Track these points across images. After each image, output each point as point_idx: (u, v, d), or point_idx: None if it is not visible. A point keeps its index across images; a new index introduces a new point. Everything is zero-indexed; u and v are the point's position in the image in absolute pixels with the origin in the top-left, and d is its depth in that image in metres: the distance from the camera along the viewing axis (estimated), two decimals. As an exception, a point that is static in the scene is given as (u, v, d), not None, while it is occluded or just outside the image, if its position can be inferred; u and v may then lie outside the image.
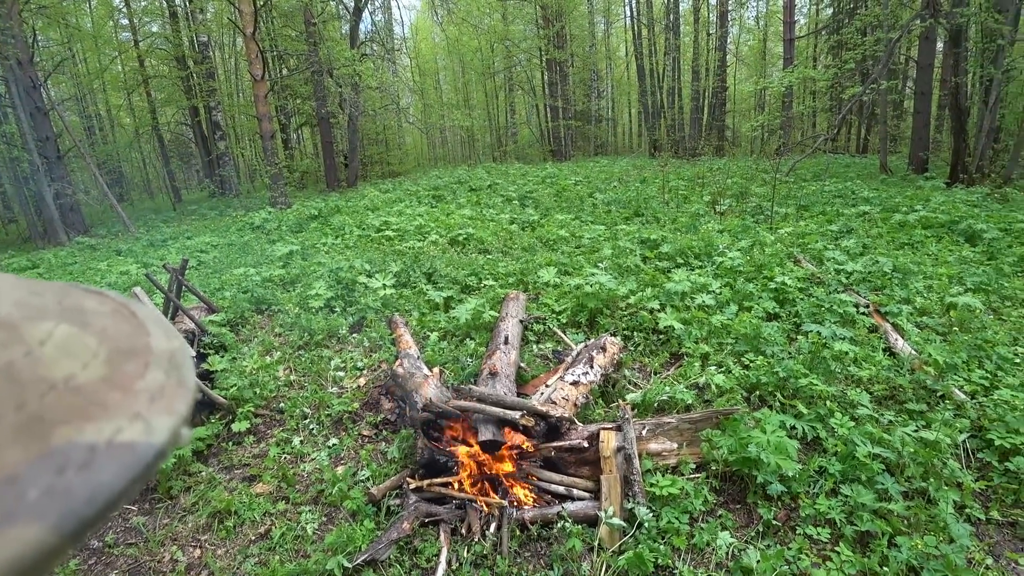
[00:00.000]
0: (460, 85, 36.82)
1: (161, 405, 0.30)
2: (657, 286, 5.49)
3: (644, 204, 10.41)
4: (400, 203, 12.76)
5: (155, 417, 0.29)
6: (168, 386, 0.31)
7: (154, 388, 0.31)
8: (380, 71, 22.04)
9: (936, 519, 2.80)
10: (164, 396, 0.31)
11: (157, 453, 0.28)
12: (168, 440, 0.29)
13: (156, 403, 0.30)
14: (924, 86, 13.17)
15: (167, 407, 0.30)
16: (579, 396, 3.57)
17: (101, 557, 2.97)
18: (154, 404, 0.30)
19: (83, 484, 0.25)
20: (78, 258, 11.59)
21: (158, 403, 0.30)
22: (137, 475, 0.27)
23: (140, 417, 0.29)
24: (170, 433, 0.29)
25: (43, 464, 0.25)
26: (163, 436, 0.29)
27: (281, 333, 5.46)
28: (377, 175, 25.26)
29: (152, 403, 0.30)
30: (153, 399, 0.30)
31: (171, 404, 0.31)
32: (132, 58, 23.89)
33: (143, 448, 0.28)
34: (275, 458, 3.68)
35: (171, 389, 0.31)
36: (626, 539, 2.80)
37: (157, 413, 0.30)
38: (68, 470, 0.25)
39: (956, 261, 6.20)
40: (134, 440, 0.28)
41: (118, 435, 0.27)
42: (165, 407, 0.30)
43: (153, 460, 0.28)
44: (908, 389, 3.81)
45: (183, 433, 0.31)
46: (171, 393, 0.31)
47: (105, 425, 0.28)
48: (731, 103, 29.53)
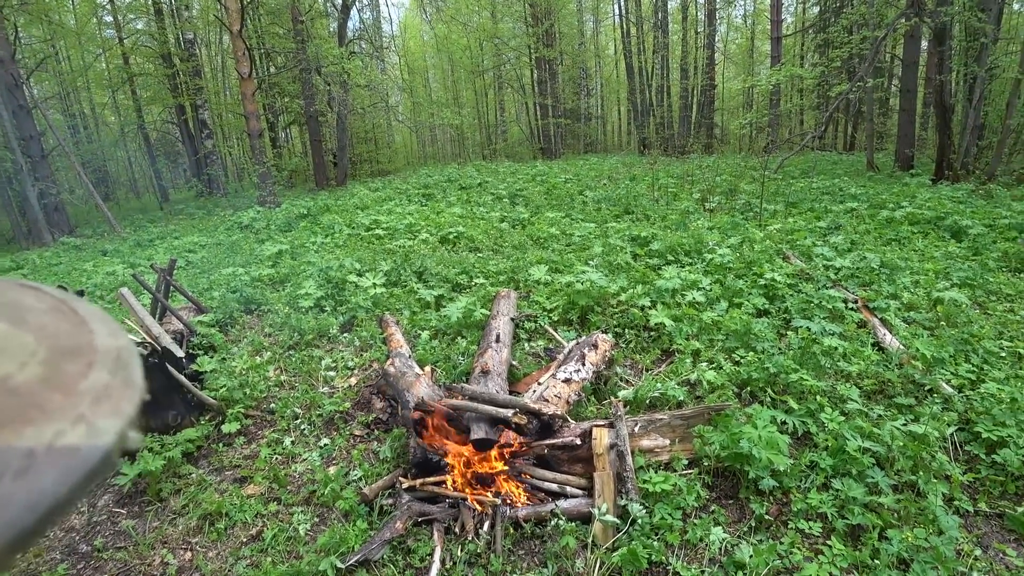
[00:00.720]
0: (449, 83, 36.70)
1: (107, 407, 0.29)
2: (648, 283, 5.51)
3: (634, 202, 10.44)
4: (390, 201, 12.71)
5: (100, 419, 0.28)
6: (114, 386, 0.30)
7: (98, 388, 0.29)
8: (369, 69, 21.91)
9: (926, 512, 2.83)
10: (110, 397, 0.29)
11: (103, 457, 0.27)
12: (115, 443, 0.28)
13: (101, 404, 0.29)
14: (909, 84, 13.32)
15: (113, 408, 0.29)
16: (571, 394, 3.57)
17: (90, 561, 2.93)
18: (99, 405, 0.28)
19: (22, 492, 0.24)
20: (63, 259, 11.42)
21: (103, 404, 0.29)
22: (81, 480, 0.26)
23: (83, 419, 0.27)
24: (117, 435, 0.28)
25: None
26: (109, 439, 0.27)
27: (271, 333, 5.42)
28: (366, 174, 25.13)
29: (96, 404, 0.28)
30: (98, 400, 0.29)
31: (117, 405, 0.29)
32: (117, 56, 23.54)
33: (87, 452, 0.26)
34: (266, 459, 3.65)
35: (117, 389, 0.30)
36: (620, 536, 2.80)
37: (102, 415, 0.28)
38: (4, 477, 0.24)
39: (942, 257, 6.28)
40: (77, 444, 0.26)
41: (59, 439, 0.26)
42: (111, 408, 0.29)
43: (99, 464, 0.26)
44: (897, 383, 3.85)
45: (131, 435, 0.29)
46: (117, 394, 0.30)
47: (45, 428, 0.26)
48: (719, 101, 29.68)
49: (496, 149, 29.77)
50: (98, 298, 7.68)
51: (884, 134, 20.65)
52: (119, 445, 0.28)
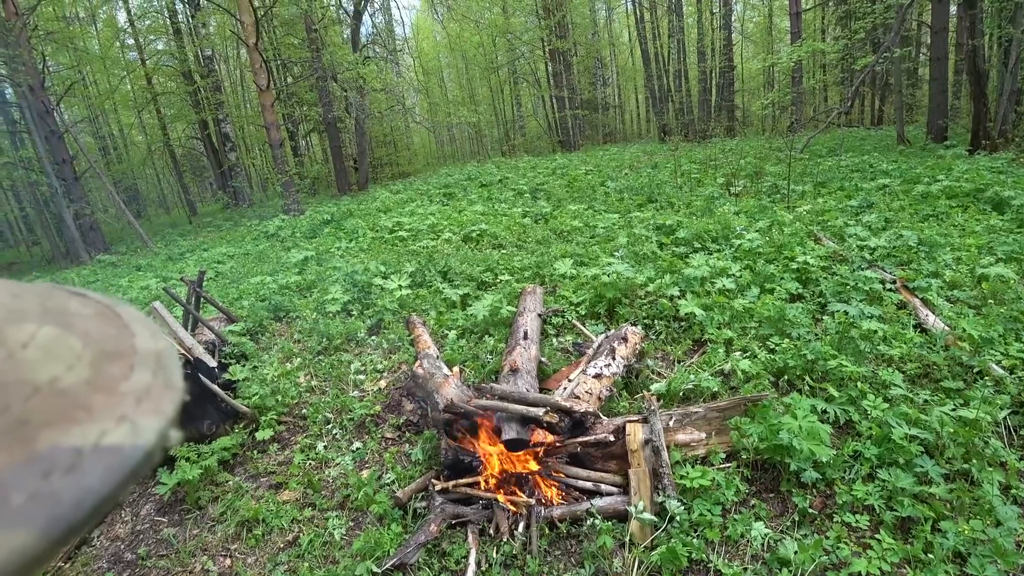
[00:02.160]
0: (464, 82, 36.73)
1: (147, 406, 0.30)
2: (675, 272, 5.39)
3: (657, 190, 10.26)
4: (411, 203, 12.76)
5: (141, 419, 0.29)
6: (155, 387, 0.31)
7: (140, 389, 0.30)
8: (384, 73, 22.04)
9: (980, 502, 2.69)
10: (150, 397, 0.30)
11: (144, 455, 0.28)
12: (155, 442, 0.29)
13: (142, 404, 0.30)
14: (939, 51, 12.77)
15: (154, 408, 0.30)
16: (602, 389, 3.51)
17: (135, 570, 3.00)
18: (140, 406, 0.29)
19: (69, 488, 0.25)
20: (100, 276, 11.80)
21: (144, 404, 0.30)
22: (124, 478, 0.27)
23: (126, 419, 0.28)
24: (157, 435, 0.29)
25: (28, 468, 0.25)
26: (150, 438, 0.28)
27: (300, 339, 5.48)
28: (387, 176, 25.33)
29: (138, 405, 0.29)
30: (139, 400, 0.30)
31: (158, 405, 0.30)
32: (140, 77, 24.24)
33: (129, 451, 0.27)
34: (300, 465, 3.69)
35: (157, 390, 0.31)
36: (658, 534, 2.74)
37: (143, 415, 0.29)
38: (54, 474, 0.25)
39: (984, 231, 5.99)
40: (120, 443, 0.27)
41: (104, 438, 0.27)
42: (152, 408, 0.30)
43: (140, 462, 0.28)
44: (943, 366, 3.67)
45: (171, 434, 0.30)
46: (158, 394, 0.31)
47: (90, 428, 0.27)
48: (739, 82, 29.02)
49: (514, 144, 29.65)
50: (134, 312, 7.88)
51: (914, 106, 19.89)
52: (160, 444, 0.29)
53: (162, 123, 24.49)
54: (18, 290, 0.33)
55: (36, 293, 0.34)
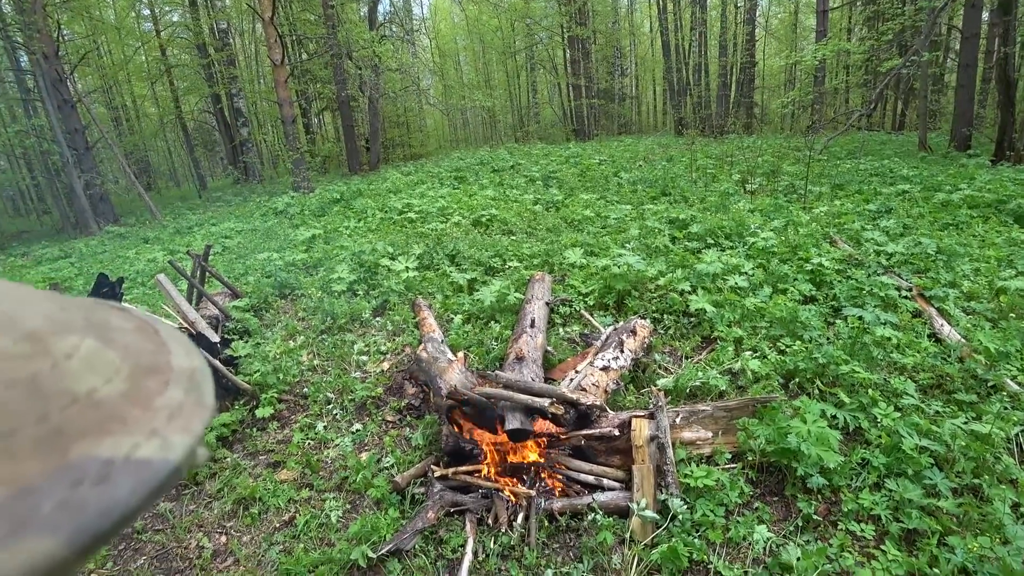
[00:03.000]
0: (481, 65, 36.37)
1: (179, 423, 0.30)
2: (687, 267, 5.31)
3: (671, 183, 10.12)
4: (422, 185, 12.68)
5: (172, 435, 0.29)
6: (187, 404, 0.31)
7: (173, 406, 0.31)
8: (400, 53, 21.83)
9: (989, 518, 2.63)
10: (182, 414, 0.31)
11: (172, 471, 0.28)
12: (184, 458, 0.29)
13: (174, 421, 0.30)
14: (969, 57, 12.47)
15: (184, 425, 0.30)
16: (609, 382, 3.46)
17: (130, 543, 2.99)
18: (172, 422, 0.30)
19: (98, 499, 0.25)
20: (108, 247, 11.81)
21: (176, 421, 0.30)
22: (152, 492, 0.27)
23: (157, 434, 0.29)
24: (186, 451, 0.29)
25: (60, 477, 0.25)
26: (179, 454, 0.29)
27: (304, 317, 5.45)
28: (399, 158, 25.19)
29: (170, 421, 0.30)
30: (171, 417, 0.30)
31: (188, 423, 0.31)
32: (154, 48, 24.11)
33: (159, 465, 0.28)
34: (299, 444, 3.66)
35: (189, 408, 0.31)
36: (659, 532, 2.69)
37: (174, 431, 0.30)
38: (84, 484, 0.25)
39: (1005, 243, 5.86)
40: (151, 457, 0.28)
41: (135, 451, 0.27)
42: (182, 425, 0.30)
43: (168, 477, 0.28)
44: (957, 378, 3.59)
45: (199, 452, 0.31)
46: (189, 412, 0.31)
47: (123, 440, 0.28)
48: (760, 79, 28.58)
49: (528, 131, 29.41)
50: (139, 284, 7.89)
51: (937, 112, 19.52)
52: (188, 460, 0.29)
53: (175, 95, 24.41)
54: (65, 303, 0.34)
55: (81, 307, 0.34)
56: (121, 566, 2.84)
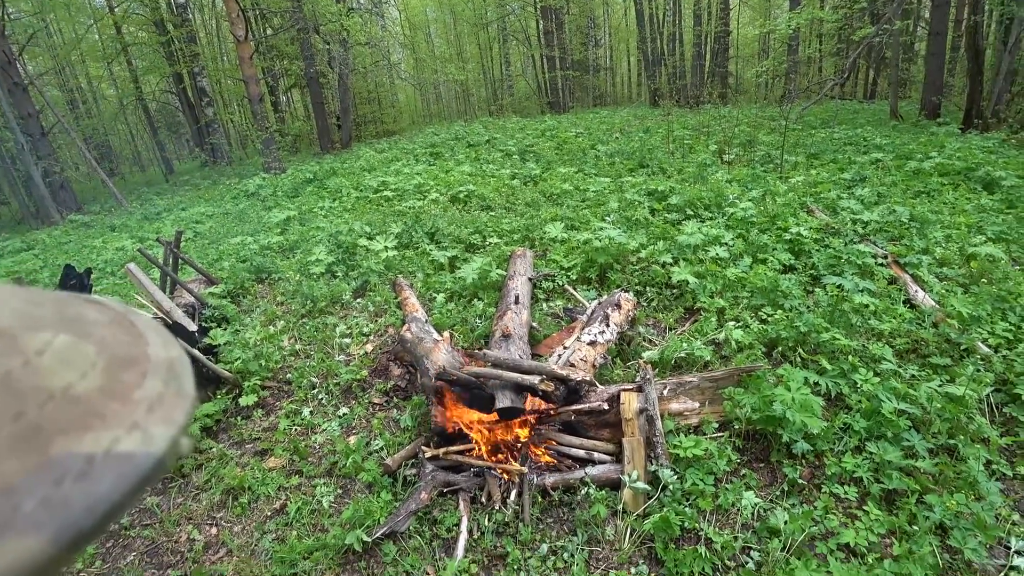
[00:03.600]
0: (452, 38, 35.53)
1: (159, 415, 0.30)
2: (668, 239, 5.33)
3: (649, 155, 10.10)
4: (397, 162, 12.43)
5: (153, 427, 0.29)
6: (167, 395, 0.31)
7: (152, 397, 0.30)
8: (368, 26, 21.11)
9: (964, 476, 2.73)
10: (163, 406, 0.30)
11: (156, 464, 0.28)
12: (167, 450, 0.29)
13: (154, 413, 0.30)
14: (939, 25, 12.57)
15: (165, 417, 0.30)
16: (597, 356, 3.47)
17: (118, 540, 2.93)
18: (152, 414, 0.29)
19: (81, 495, 0.25)
20: (72, 236, 11.38)
21: (156, 413, 0.30)
22: (135, 486, 0.27)
23: (138, 427, 0.28)
24: (169, 443, 0.29)
25: (40, 475, 0.25)
26: (162, 446, 0.28)
27: (283, 302, 5.34)
28: (371, 135, 24.64)
29: (150, 413, 0.29)
30: (151, 409, 0.30)
31: (170, 414, 0.30)
32: (109, 26, 22.85)
33: (141, 458, 0.27)
34: (286, 431, 3.61)
35: (170, 399, 0.31)
36: (650, 502, 2.74)
37: (155, 423, 0.29)
38: (66, 481, 0.25)
39: (975, 210, 6.00)
40: (132, 450, 0.27)
41: (116, 445, 0.27)
42: (163, 417, 0.30)
43: (151, 471, 0.28)
44: (931, 343, 3.69)
45: (182, 442, 0.30)
46: (170, 403, 0.31)
47: (103, 435, 0.27)
48: (734, 48, 28.52)
49: (503, 104, 28.97)
50: (108, 275, 7.64)
51: (908, 81, 19.74)
52: (172, 452, 0.29)
53: (134, 76, 23.32)
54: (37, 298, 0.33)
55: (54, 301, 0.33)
56: (111, 564, 2.79)
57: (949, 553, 2.45)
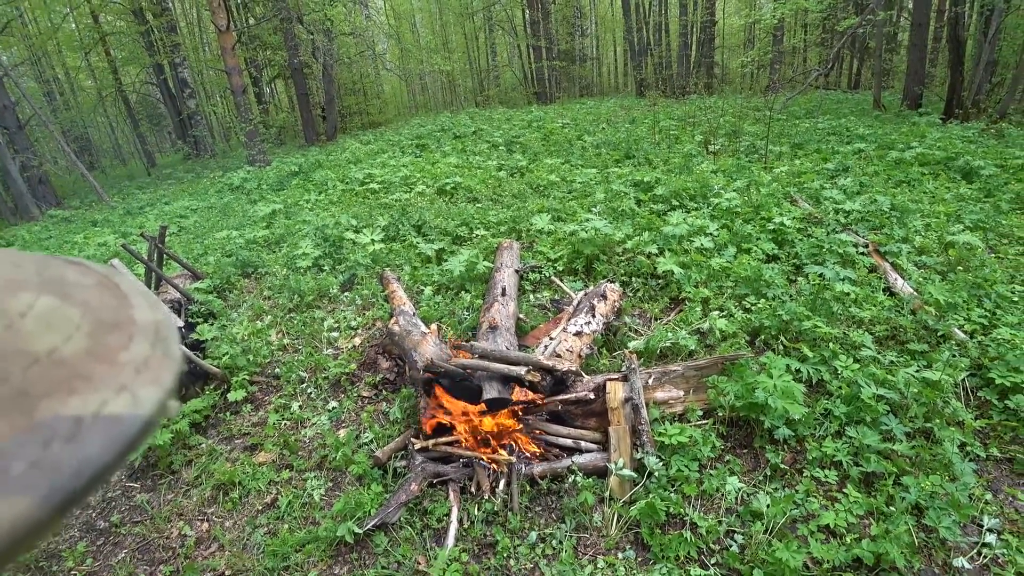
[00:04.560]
0: (438, 28, 35.18)
1: (147, 376, 0.30)
2: (654, 230, 5.38)
3: (635, 146, 10.14)
4: (383, 154, 12.35)
5: (141, 389, 0.29)
6: (153, 357, 0.31)
7: (139, 360, 0.30)
8: (352, 15, 20.86)
9: (939, 458, 2.82)
10: (149, 368, 0.30)
11: (144, 425, 0.28)
12: (155, 412, 0.29)
13: (142, 375, 0.30)
14: (921, 16, 12.70)
15: (153, 378, 0.30)
16: (583, 347, 3.51)
17: (109, 537, 2.93)
18: (140, 376, 0.30)
19: (70, 457, 0.25)
20: (53, 232, 11.20)
21: (144, 375, 0.30)
22: (124, 447, 0.27)
23: (126, 389, 0.29)
24: (157, 404, 0.29)
25: (29, 438, 0.25)
26: (150, 408, 0.29)
27: (270, 296, 5.32)
28: (357, 126, 24.39)
29: (138, 375, 0.30)
30: (138, 371, 0.30)
31: (157, 375, 0.30)
32: (85, 14, 22.30)
33: (130, 420, 0.28)
34: (275, 425, 3.62)
35: (156, 361, 0.31)
36: (636, 489, 2.80)
37: (143, 384, 0.29)
38: (54, 443, 0.25)
39: (954, 199, 6.11)
40: (120, 412, 0.28)
41: (104, 407, 0.27)
42: (151, 378, 0.30)
43: (140, 432, 0.28)
44: (909, 329, 3.78)
45: (170, 404, 0.31)
46: (157, 364, 0.31)
47: (91, 397, 0.27)
48: (720, 38, 28.55)
49: (489, 95, 28.81)
50: (92, 266, 7.54)
51: (891, 71, 19.94)
52: (159, 414, 0.29)
53: (113, 67, 22.84)
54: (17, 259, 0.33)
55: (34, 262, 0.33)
56: (102, 561, 2.79)
57: (925, 532, 2.54)
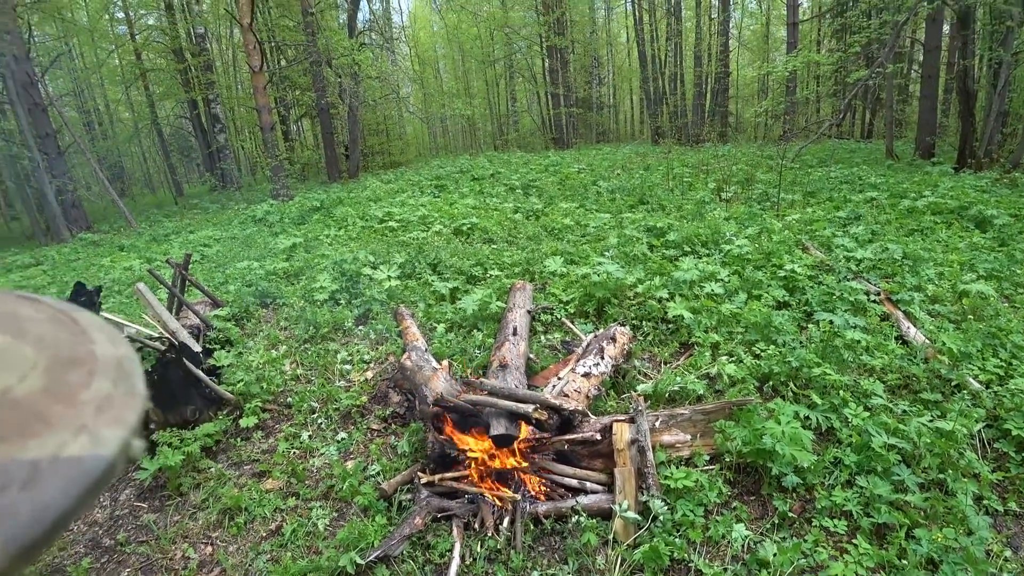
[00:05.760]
0: (460, 73, 36.51)
1: (109, 416, 0.28)
2: (665, 275, 5.43)
3: (649, 192, 10.32)
4: (402, 193, 12.68)
5: (103, 429, 0.28)
6: (116, 396, 0.30)
7: (100, 398, 0.29)
8: (379, 60, 21.83)
9: (954, 511, 2.77)
10: (112, 406, 0.29)
11: (107, 467, 0.27)
12: (118, 452, 0.27)
13: (103, 414, 0.28)
14: (931, 69, 12.99)
15: (115, 418, 0.29)
16: (591, 388, 3.54)
17: (113, 555, 2.96)
18: (101, 415, 0.28)
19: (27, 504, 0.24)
20: (81, 254, 11.57)
21: (105, 414, 0.28)
22: (86, 490, 0.26)
23: (86, 429, 0.27)
24: (120, 444, 0.28)
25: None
26: (112, 448, 0.27)
27: (286, 327, 5.43)
28: (378, 166, 25.12)
29: (99, 414, 0.28)
30: (100, 410, 0.28)
31: (120, 414, 0.29)
32: (129, 52, 23.72)
33: (91, 462, 0.26)
34: (284, 453, 3.66)
35: (119, 399, 0.30)
36: (641, 532, 2.77)
37: (105, 425, 0.28)
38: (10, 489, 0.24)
39: (967, 247, 6.12)
40: (80, 454, 0.26)
41: (63, 450, 0.26)
42: (113, 418, 0.28)
43: (102, 474, 0.26)
44: (922, 379, 3.75)
45: (134, 444, 0.29)
46: (120, 403, 0.29)
47: (48, 440, 0.26)
48: (734, 88, 29.25)
49: (508, 139, 29.58)
50: (116, 293, 7.76)
51: (903, 121, 20.20)
52: (122, 454, 0.28)
53: (150, 100, 24.02)
54: None
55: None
56: (105, 579, 2.82)
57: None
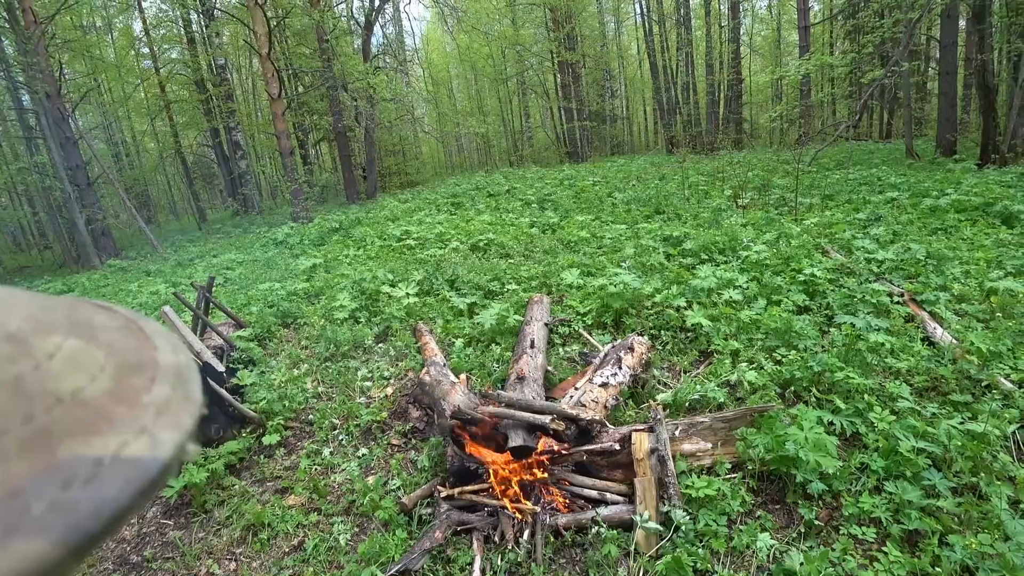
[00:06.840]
0: (473, 92, 37.04)
1: (167, 419, 0.30)
2: (682, 283, 5.40)
3: (664, 201, 10.28)
4: (419, 212, 12.84)
5: (161, 431, 0.29)
6: (174, 400, 0.31)
7: (160, 402, 0.31)
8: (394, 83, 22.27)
9: (989, 516, 2.67)
10: (170, 410, 0.31)
11: (162, 468, 0.28)
12: (173, 455, 0.29)
13: (162, 417, 0.30)
14: (948, 66, 12.77)
15: (173, 421, 0.30)
16: (609, 398, 3.52)
17: (141, 572, 3.02)
18: (160, 418, 0.30)
19: (89, 498, 0.25)
20: (110, 280, 11.93)
21: (164, 417, 0.30)
22: (142, 489, 0.27)
23: (146, 431, 0.29)
24: (175, 448, 0.29)
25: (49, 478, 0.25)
26: (168, 451, 0.29)
27: (308, 346, 5.52)
28: (395, 185, 25.48)
29: (158, 417, 0.30)
30: (159, 413, 0.30)
31: (177, 418, 0.30)
32: (154, 85, 24.65)
33: (148, 463, 0.28)
34: (306, 470, 3.70)
35: (177, 403, 0.31)
36: (663, 543, 2.73)
37: (163, 427, 0.29)
38: (74, 484, 0.25)
39: (993, 244, 5.97)
40: (140, 454, 0.28)
41: (124, 449, 0.27)
42: (171, 421, 0.30)
43: (158, 475, 0.28)
44: (951, 380, 3.65)
45: (189, 448, 0.31)
46: (177, 407, 0.31)
47: (111, 439, 0.27)
48: (747, 95, 29.11)
49: (522, 155, 29.81)
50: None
51: (923, 119, 19.87)
52: (178, 457, 0.29)
53: (174, 130, 24.85)
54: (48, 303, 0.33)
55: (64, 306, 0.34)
56: (134, 595, 2.87)
57: (975, 596, 2.39)
